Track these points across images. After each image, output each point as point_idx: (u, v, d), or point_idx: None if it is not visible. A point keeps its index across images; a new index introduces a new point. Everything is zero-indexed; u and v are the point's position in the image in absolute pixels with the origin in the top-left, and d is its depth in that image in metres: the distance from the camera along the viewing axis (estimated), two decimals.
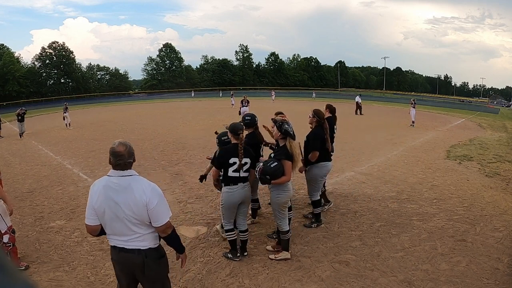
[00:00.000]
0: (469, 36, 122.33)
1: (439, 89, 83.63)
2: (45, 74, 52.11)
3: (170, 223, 2.13)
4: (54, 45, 52.99)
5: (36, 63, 52.01)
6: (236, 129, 3.47)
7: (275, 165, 3.35)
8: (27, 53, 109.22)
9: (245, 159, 3.42)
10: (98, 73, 59.99)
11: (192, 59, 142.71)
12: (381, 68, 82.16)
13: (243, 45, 71.21)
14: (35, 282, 2.01)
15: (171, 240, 2.20)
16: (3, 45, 49.58)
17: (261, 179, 3.41)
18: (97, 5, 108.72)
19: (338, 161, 7.97)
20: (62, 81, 53.40)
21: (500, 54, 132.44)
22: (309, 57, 78.81)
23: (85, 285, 3.23)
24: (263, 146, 4.32)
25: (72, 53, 54.52)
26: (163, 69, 63.66)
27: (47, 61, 52.12)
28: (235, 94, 29.47)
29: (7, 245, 3.39)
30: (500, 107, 45.08)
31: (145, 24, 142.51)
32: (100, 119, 20.12)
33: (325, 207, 4.96)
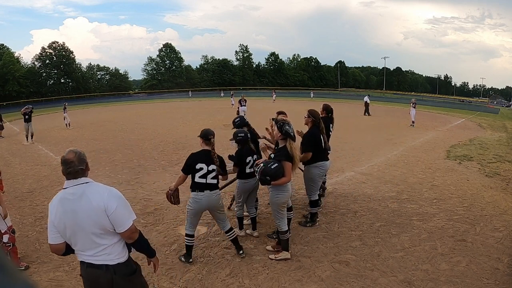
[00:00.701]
0: (469, 36, 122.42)
1: (439, 89, 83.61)
2: (45, 74, 52.04)
3: (134, 227, 1.98)
4: (54, 45, 52.95)
5: (36, 63, 51.95)
6: (207, 135, 3.42)
7: (275, 166, 3.34)
8: (27, 53, 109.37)
9: (213, 166, 3.35)
10: (98, 73, 59.93)
11: (192, 59, 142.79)
12: (381, 68, 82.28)
13: (243, 45, 71.30)
14: (35, 282, 2.01)
15: (139, 245, 2.06)
16: (3, 45, 49.54)
17: (261, 180, 3.41)
18: (97, 5, 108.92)
19: (338, 161, 7.97)
20: (62, 81, 53.32)
21: (500, 54, 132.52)
22: (309, 57, 78.81)
23: None
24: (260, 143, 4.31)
25: (72, 53, 54.53)
26: (163, 69, 63.62)
27: (47, 61, 52.05)
28: (235, 94, 29.51)
29: (7, 245, 3.39)
30: (500, 107, 45.05)
31: (145, 24, 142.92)
32: (100, 119, 20.11)
33: (321, 202, 4.93)
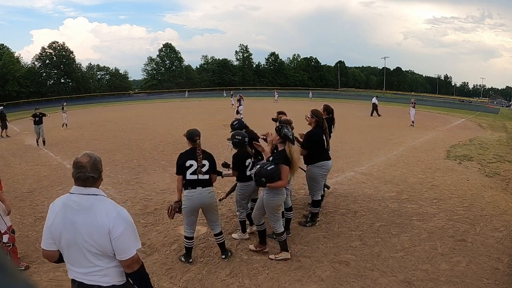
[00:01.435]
0: (469, 36, 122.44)
1: (439, 89, 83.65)
2: (45, 74, 52.03)
3: (137, 256, 1.74)
4: (54, 45, 52.93)
5: (36, 63, 51.94)
6: (192, 135, 3.42)
7: (271, 168, 3.32)
8: (27, 53, 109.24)
9: (204, 161, 3.37)
10: (98, 73, 59.92)
11: (192, 59, 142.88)
12: (381, 68, 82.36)
13: (243, 45, 71.34)
14: (35, 282, 2.00)
15: (138, 279, 1.77)
16: (3, 45, 49.50)
17: (256, 181, 3.39)
18: (97, 5, 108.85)
19: (338, 161, 7.97)
20: (62, 81, 53.31)
21: (500, 54, 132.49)
22: (309, 57, 78.85)
23: None
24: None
25: (72, 53, 54.52)
26: (163, 69, 63.62)
27: (47, 61, 52.04)
28: (234, 94, 29.55)
29: (7, 245, 3.39)
30: (500, 107, 45.09)
31: (145, 24, 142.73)
32: (100, 119, 20.11)
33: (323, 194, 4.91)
